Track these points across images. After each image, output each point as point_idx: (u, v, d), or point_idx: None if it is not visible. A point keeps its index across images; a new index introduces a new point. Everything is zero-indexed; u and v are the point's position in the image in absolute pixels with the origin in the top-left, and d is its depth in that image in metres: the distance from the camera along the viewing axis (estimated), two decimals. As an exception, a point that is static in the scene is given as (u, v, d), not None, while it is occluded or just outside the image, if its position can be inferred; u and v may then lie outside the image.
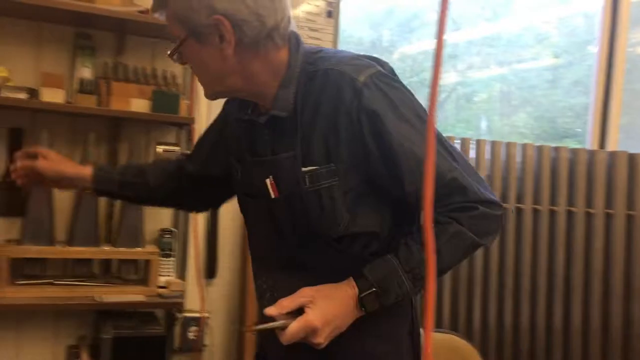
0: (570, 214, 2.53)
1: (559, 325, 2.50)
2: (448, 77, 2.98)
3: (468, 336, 2.36)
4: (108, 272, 2.13)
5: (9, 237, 2.00)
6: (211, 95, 1.14)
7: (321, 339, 1.03)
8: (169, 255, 2.14)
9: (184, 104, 2.11)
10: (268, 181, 1.13)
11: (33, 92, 1.90)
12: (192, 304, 2.25)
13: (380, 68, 1.09)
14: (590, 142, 2.77)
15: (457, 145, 2.46)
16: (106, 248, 2.03)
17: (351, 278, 1.06)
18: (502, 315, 2.45)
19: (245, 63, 1.07)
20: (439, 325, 2.37)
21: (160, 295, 2.03)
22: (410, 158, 1.03)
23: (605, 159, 2.57)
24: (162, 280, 2.10)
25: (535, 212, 2.50)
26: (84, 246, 1.97)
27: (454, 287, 2.42)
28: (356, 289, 1.05)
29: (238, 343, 2.29)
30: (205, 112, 2.24)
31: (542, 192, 2.50)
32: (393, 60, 2.92)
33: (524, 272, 2.47)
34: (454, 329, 2.39)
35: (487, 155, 2.47)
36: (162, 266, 2.11)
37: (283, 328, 1.02)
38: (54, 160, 1.33)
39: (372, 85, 1.04)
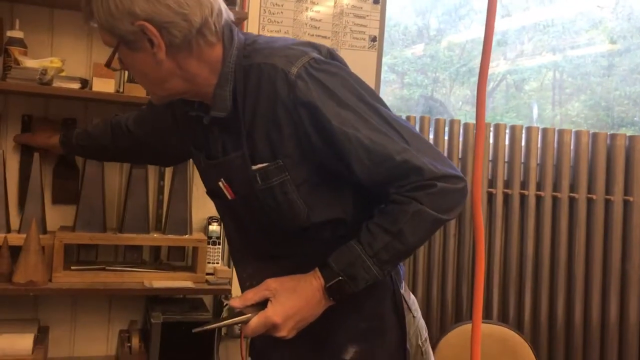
0: (626, 204, 2.44)
1: (615, 319, 2.41)
2: (497, 66, 2.91)
3: (518, 328, 2.31)
4: (157, 259, 2.17)
5: (63, 224, 2.06)
6: (157, 100, 1.14)
7: (284, 333, 1.05)
8: (216, 243, 2.17)
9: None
10: (221, 184, 1.14)
11: (85, 82, 1.95)
12: (238, 291, 2.26)
13: (314, 54, 1.05)
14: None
15: (507, 134, 2.40)
16: (155, 235, 2.07)
17: (316, 269, 1.07)
18: (554, 307, 2.38)
19: (182, 64, 1.05)
20: (487, 317, 2.33)
21: (207, 282, 2.06)
22: (356, 146, 1.02)
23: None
24: (210, 267, 2.13)
25: (590, 201, 2.42)
26: (134, 233, 2.01)
27: (504, 279, 2.37)
28: (322, 280, 1.05)
29: (284, 331, 2.30)
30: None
31: (597, 181, 2.41)
32: (440, 49, 2.87)
33: (577, 264, 2.39)
34: (504, 321, 2.34)
35: (538, 143, 2.40)
36: (209, 253, 2.14)
37: (245, 322, 1.04)
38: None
39: (305, 76, 1.02)
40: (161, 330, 1.97)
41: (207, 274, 2.10)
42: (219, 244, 2.18)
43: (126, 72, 2.03)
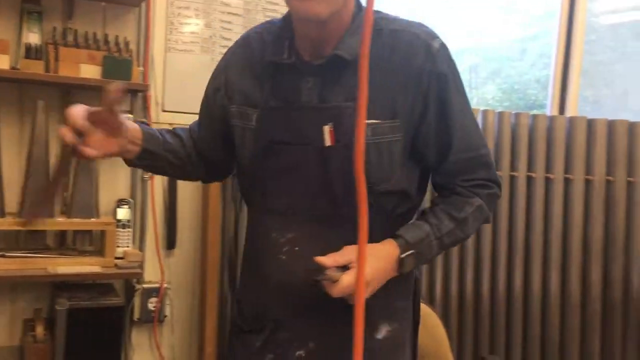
0: (529, 180, 2.55)
1: (519, 290, 2.53)
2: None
3: (429, 301, 2.38)
4: (63, 244, 2.09)
5: (-43, 209, 1.94)
6: (318, 16, 1.02)
7: (367, 294, 1.01)
8: (125, 226, 2.11)
9: (137, 70, 2.06)
10: (327, 128, 1.08)
11: (-24, 58, 1.83)
12: (152, 275, 2.22)
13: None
14: (550, 110, 2.79)
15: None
16: (60, 219, 1.99)
17: (391, 240, 1.08)
18: (463, 281, 2.47)
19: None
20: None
21: (117, 266, 2.00)
22: (462, 128, 1.11)
23: (564, 124, 2.59)
24: (120, 251, 2.07)
25: (512, 178, 2.51)
26: (36, 217, 1.92)
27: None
28: (398, 251, 1.07)
29: (199, 313, 2.27)
30: (161, 78, 2.20)
31: (503, 158, 2.51)
32: None
33: (484, 238, 2.48)
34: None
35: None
36: (119, 237, 2.07)
37: (333, 281, 0.98)
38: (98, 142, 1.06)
39: (443, 53, 1.10)
40: (68, 317, 1.89)
41: (117, 258, 2.04)
42: (130, 227, 2.11)
43: (23, 48, 1.92)
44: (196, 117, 1.29)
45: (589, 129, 2.61)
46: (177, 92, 2.21)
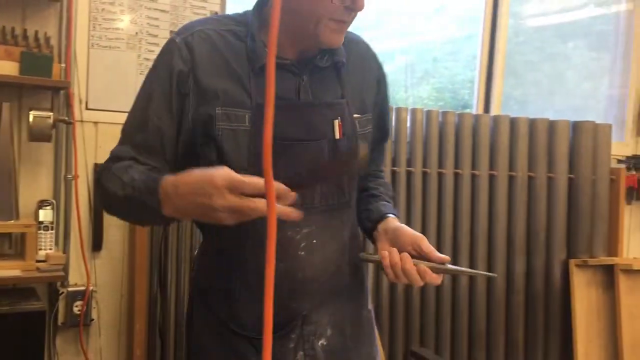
0: (457, 176, 2.62)
1: (448, 284, 2.60)
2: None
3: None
4: (-20, 247, 2.00)
5: None
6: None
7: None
8: (48, 228, 2.04)
9: (58, 67, 2.00)
10: (337, 122, 1.16)
11: None
12: (77, 278, 2.16)
13: None
14: (476, 109, 2.88)
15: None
16: (-24, 221, 1.90)
17: (395, 218, 1.22)
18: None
19: None
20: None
21: (38, 270, 1.93)
22: (388, 123, 1.35)
23: (489, 122, 2.68)
24: (42, 254, 2.00)
25: (425, 175, 2.57)
26: (-50, 220, 1.83)
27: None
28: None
29: (127, 316, 2.22)
30: (85, 75, 2.13)
31: (431, 155, 2.58)
32: None
33: (430, 232, 2.54)
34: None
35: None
36: (41, 239, 2.00)
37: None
38: None
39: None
40: (-15, 323, 1.81)
41: (39, 261, 1.97)
42: (52, 229, 2.04)
43: None
44: (122, 115, 1.18)
45: (511, 127, 2.72)
46: (102, 89, 2.16)
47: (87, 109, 2.14)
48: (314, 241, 1.14)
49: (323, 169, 1.16)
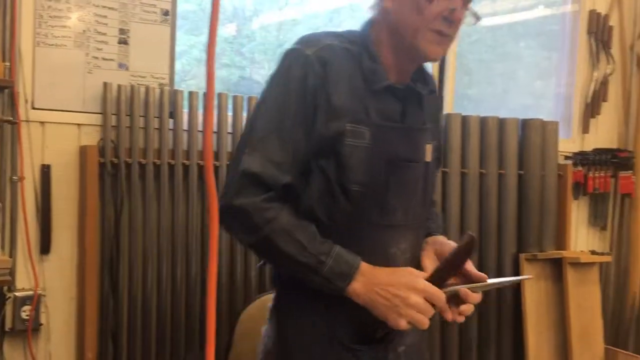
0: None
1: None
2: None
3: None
4: None
5: None
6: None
7: None
8: (-7, 231, 1.98)
9: (2, 65, 1.95)
10: (429, 146, 1.27)
11: None
12: (25, 282, 2.10)
13: None
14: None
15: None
16: None
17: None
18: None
19: None
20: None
21: (-18, 274, 1.87)
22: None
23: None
24: (-13, 258, 1.94)
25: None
26: None
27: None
28: None
29: (78, 320, 2.18)
30: (30, 74, 2.08)
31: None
32: (256, 29, 2.87)
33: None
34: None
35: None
36: (-15, 243, 1.95)
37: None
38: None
39: None
40: None
41: (-17, 265, 1.91)
42: (-3, 232, 1.99)
43: None
44: (70, 115, 1.15)
45: (463, 125, 2.77)
46: (49, 88, 2.11)
47: (33, 108, 2.09)
48: (407, 256, 1.25)
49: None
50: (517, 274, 2.82)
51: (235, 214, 1.15)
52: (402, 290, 1.12)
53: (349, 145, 1.16)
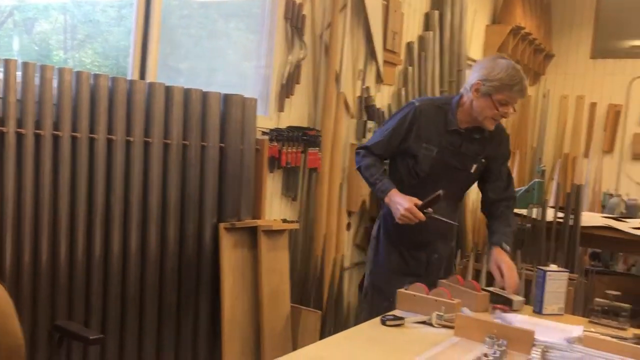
0: (110, 142, 2.56)
1: (99, 253, 2.53)
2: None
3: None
4: None
5: None
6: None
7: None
8: None
9: None
10: (475, 165, 2.68)
11: None
12: None
13: None
14: (131, 75, 2.83)
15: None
16: None
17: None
18: (38, 250, 2.34)
19: None
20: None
21: None
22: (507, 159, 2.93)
23: (144, 89, 2.67)
24: None
25: (74, 140, 2.44)
26: None
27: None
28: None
29: None
30: None
31: (82, 120, 2.45)
32: None
33: (62, 203, 2.40)
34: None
35: (18, 78, 2.27)
36: None
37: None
38: None
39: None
40: None
41: None
42: None
43: None
44: None
45: (167, 96, 2.76)
46: None
47: None
48: (440, 209, 2.54)
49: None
50: (216, 243, 2.95)
51: (356, 155, 2.73)
52: (400, 206, 2.47)
53: (422, 153, 2.61)
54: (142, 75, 2.83)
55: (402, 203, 2.46)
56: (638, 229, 4.06)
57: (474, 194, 4.40)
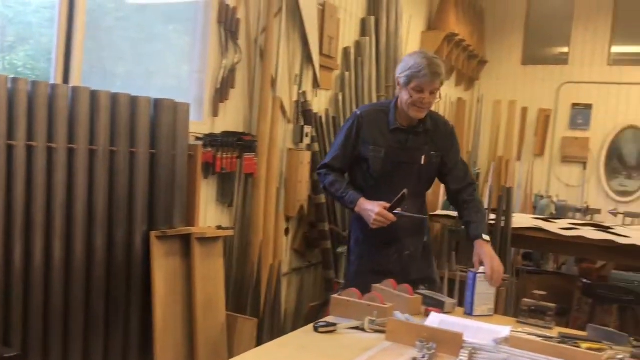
0: (30, 149, 2.44)
1: (19, 263, 2.41)
2: None
3: None
4: None
5: None
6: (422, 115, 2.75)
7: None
8: None
9: None
10: (424, 157, 2.78)
11: None
12: None
13: None
14: (54, 79, 2.71)
15: None
16: None
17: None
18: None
19: None
20: None
21: None
22: (457, 153, 3.02)
23: (67, 93, 2.57)
24: None
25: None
26: None
27: None
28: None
29: None
30: None
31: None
32: None
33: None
34: None
35: None
36: None
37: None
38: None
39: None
40: None
41: None
42: None
43: None
44: None
45: (92, 101, 2.66)
46: None
47: None
48: (406, 207, 2.68)
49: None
50: (148, 251, 2.86)
51: (319, 176, 2.92)
52: (371, 212, 2.61)
53: (371, 155, 2.76)
54: (66, 79, 2.72)
55: (372, 209, 2.60)
56: (565, 230, 4.21)
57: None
